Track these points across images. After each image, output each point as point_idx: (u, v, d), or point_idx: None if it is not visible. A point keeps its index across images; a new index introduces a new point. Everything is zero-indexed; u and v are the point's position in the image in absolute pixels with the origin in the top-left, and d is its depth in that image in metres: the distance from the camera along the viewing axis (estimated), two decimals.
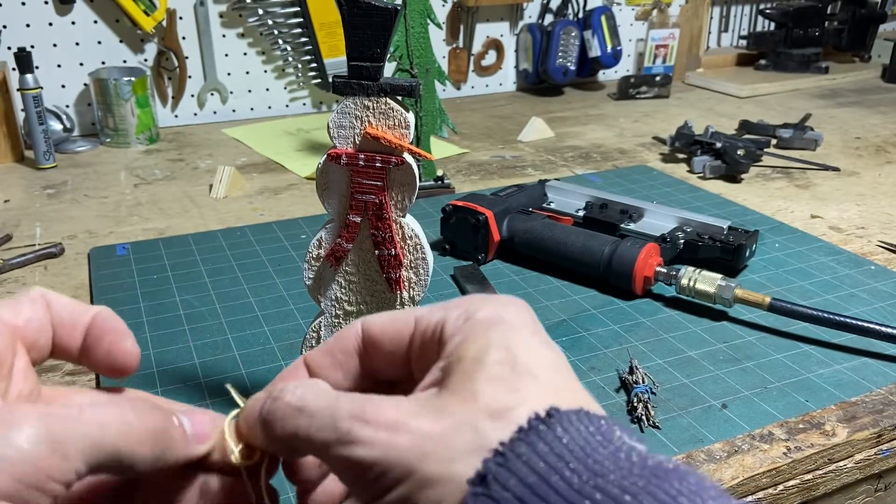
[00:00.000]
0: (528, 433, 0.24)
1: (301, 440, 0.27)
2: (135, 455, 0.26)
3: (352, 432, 0.26)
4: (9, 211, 1.03)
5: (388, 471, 0.25)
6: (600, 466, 0.23)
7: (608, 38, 1.62)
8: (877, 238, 0.96)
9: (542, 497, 0.22)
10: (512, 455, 0.23)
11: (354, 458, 0.26)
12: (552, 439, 0.24)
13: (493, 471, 0.23)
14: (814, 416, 0.62)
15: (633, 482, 0.22)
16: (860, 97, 1.67)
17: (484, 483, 0.23)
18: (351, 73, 0.49)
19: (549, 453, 0.23)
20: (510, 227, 0.87)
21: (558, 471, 0.23)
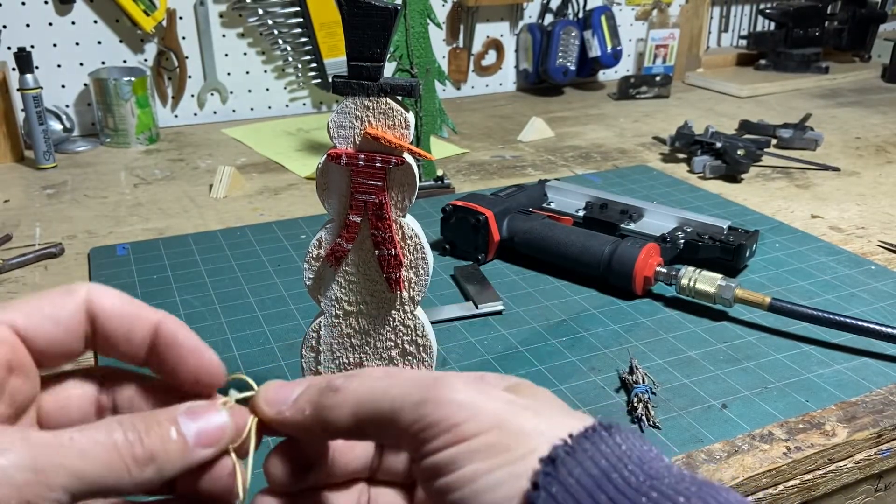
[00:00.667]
0: (593, 434, 0.26)
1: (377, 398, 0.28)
2: (120, 482, 0.26)
3: (442, 379, 0.27)
4: (9, 211, 1.03)
5: (475, 416, 0.26)
6: (655, 472, 0.25)
7: (608, 37, 1.62)
8: (877, 238, 0.96)
9: (602, 489, 0.24)
10: (578, 448, 0.25)
11: (442, 398, 0.27)
12: (612, 444, 0.26)
13: (562, 457, 0.25)
14: (814, 416, 0.62)
15: (686, 487, 0.24)
16: (860, 97, 1.67)
17: (553, 465, 0.25)
18: (351, 73, 0.49)
19: (610, 454, 0.25)
20: (510, 227, 0.87)
21: (618, 469, 0.25)
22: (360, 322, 0.56)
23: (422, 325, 0.55)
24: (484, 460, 0.25)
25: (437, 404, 0.27)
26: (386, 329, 0.55)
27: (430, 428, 0.26)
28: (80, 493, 0.26)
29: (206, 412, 0.29)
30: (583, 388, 0.65)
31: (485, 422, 0.26)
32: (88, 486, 0.26)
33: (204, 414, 0.29)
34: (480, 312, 0.77)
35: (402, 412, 0.27)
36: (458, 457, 0.26)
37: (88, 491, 0.26)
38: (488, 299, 0.78)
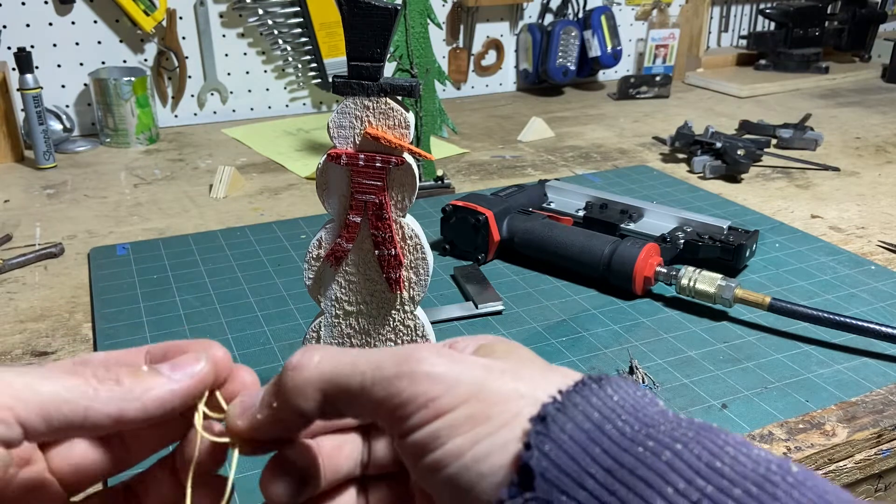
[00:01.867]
0: (583, 388, 0.25)
1: (344, 374, 0.27)
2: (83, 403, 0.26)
3: (415, 352, 0.26)
4: (9, 211, 1.03)
5: (452, 387, 0.25)
6: (650, 419, 0.24)
7: (608, 38, 1.62)
8: (877, 238, 0.96)
9: (596, 442, 0.23)
10: (569, 403, 0.25)
11: (417, 372, 0.26)
12: (604, 396, 0.25)
13: (553, 414, 0.24)
14: (814, 416, 0.62)
15: (683, 433, 0.24)
16: (860, 97, 1.67)
17: (544, 423, 0.24)
18: (351, 73, 0.49)
19: (602, 406, 0.25)
20: (510, 227, 0.87)
21: (611, 420, 0.24)
22: (360, 322, 0.56)
23: (422, 325, 0.55)
24: (467, 433, 0.25)
25: (412, 379, 0.26)
26: (386, 329, 0.55)
27: (407, 404, 0.26)
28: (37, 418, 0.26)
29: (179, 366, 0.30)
30: None
31: (462, 392, 0.25)
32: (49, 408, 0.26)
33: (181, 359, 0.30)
34: (480, 312, 0.77)
35: (374, 387, 0.26)
36: (440, 432, 0.25)
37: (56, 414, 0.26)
38: (488, 299, 0.78)
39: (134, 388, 0.28)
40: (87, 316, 0.77)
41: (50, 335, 0.73)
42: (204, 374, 0.29)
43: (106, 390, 0.27)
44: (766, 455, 0.23)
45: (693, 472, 0.22)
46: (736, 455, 0.23)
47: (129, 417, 0.27)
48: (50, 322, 0.76)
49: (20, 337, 0.73)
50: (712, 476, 0.22)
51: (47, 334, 0.74)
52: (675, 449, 0.23)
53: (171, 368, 0.29)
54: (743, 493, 0.21)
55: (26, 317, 0.77)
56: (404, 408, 0.26)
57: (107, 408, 0.27)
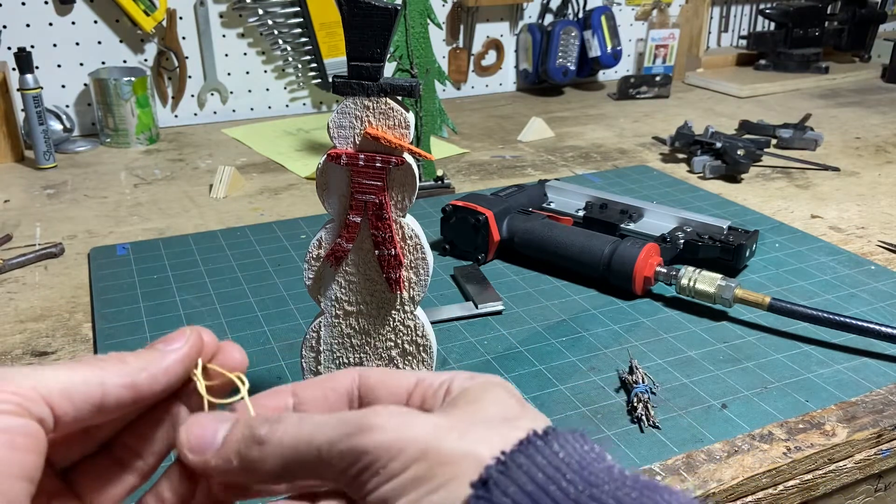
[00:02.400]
0: (528, 446, 0.25)
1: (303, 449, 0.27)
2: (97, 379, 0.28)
3: (365, 420, 0.27)
4: (9, 211, 1.03)
5: (402, 451, 0.26)
6: (595, 478, 0.24)
7: (608, 38, 1.62)
8: (877, 238, 0.96)
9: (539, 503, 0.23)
10: (513, 464, 0.24)
11: (368, 445, 0.26)
12: (549, 454, 0.25)
13: (495, 477, 0.24)
14: (814, 416, 0.62)
15: (627, 493, 0.23)
16: (860, 97, 1.67)
17: (486, 487, 0.24)
18: (351, 73, 0.49)
19: (546, 465, 0.24)
20: (510, 227, 0.87)
21: (555, 481, 0.24)
22: (360, 322, 0.56)
23: (422, 325, 0.55)
24: (411, 493, 0.25)
25: (365, 450, 0.26)
26: (386, 329, 0.56)
27: (364, 472, 0.26)
28: (60, 398, 0.27)
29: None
30: (583, 388, 0.65)
31: (410, 454, 0.26)
32: (70, 391, 0.27)
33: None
34: (480, 312, 0.77)
35: (331, 459, 0.27)
36: (390, 495, 0.26)
37: (78, 396, 0.27)
38: (488, 299, 0.78)
39: (138, 362, 0.29)
40: (88, 316, 0.77)
41: (50, 335, 0.74)
42: (193, 340, 0.31)
43: (113, 367, 0.29)
44: None
45: None
46: None
47: (142, 386, 0.29)
48: (50, 322, 0.76)
49: (20, 337, 0.73)
50: None
51: (47, 334, 0.74)
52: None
53: (164, 344, 0.31)
54: None
55: (26, 317, 0.77)
56: (362, 475, 0.26)
57: (121, 380, 0.28)
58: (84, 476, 0.31)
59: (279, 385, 0.33)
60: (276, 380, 0.66)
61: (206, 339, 0.32)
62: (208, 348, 0.32)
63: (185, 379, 0.31)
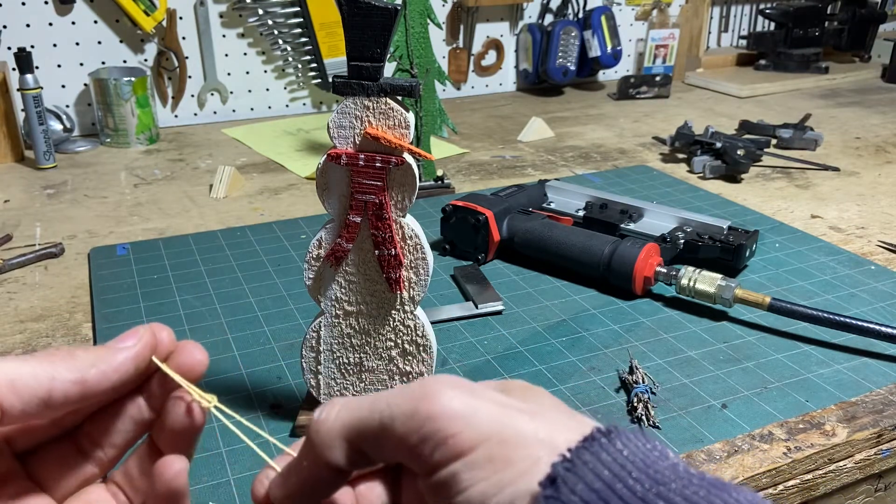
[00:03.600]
0: (592, 443, 0.25)
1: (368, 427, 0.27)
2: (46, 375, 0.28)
3: (427, 387, 0.26)
4: (9, 211, 1.03)
5: (469, 424, 0.25)
6: (661, 476, 0.24)
7: (608, 38, 1.62)
8: (877, 238, 0.96)
9: (607, 502, 0.23)
10: (579, 461, 0.24)
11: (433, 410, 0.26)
12: (614, 451, 0.25)
13: (562, 475, 0.24)
14: (814, 416, 0.62)
15: (694, 491, 0.23)
16: (860, 97, 1.67)
17: (554, 486, 0.24)
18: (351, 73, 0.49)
19: (612, 462, 0.24)
20: (510, 227, 0.87)
21: (622, 479, 0.24)
22: (360, 322, 0.56)
23: (422, 325, 0.55)
24: (489, 478, 0.25)
25: (430, 417, 0.26)
26: (386, 329, 0.55)
27: (426, 441, 0.26)
28: (7, 392, 0.27)
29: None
30: (583, 388, 0.65)
31: (481, 430, 0.25)
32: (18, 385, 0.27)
33: None
34: (480, 312, 0.77)
35: (393, 426, 0.26)
36: (462, 475, 0.25)
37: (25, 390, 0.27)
38: (488, 299, 0.78)
39: (88, 358, 0.29)
40: (88, 316, 0.77)
41: (50, 335, 0.73)
42: (147, 338, 0.31)
43: (63, 363, 0.29)
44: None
45: None
46: None
47: (91, 382, 0.29)
48: (50, 322, 0.76)
49: (20, 337, 0.73)
50: None
51: (47, 334, 0.74)
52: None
53: (118, 341, 0.31)
54: None
55: (26, 317, 0.77)
56: (424, 445, 0.26)
57: (69, 375, 0.28)
58: (43, 462, 0.31)
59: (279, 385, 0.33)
60: (276, 380, 0.66)
61: (163, 336, 0.31)
62: (163, 346, 0.31)
63: (137, 376, 0.31)
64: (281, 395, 0.64)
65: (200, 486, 0.54)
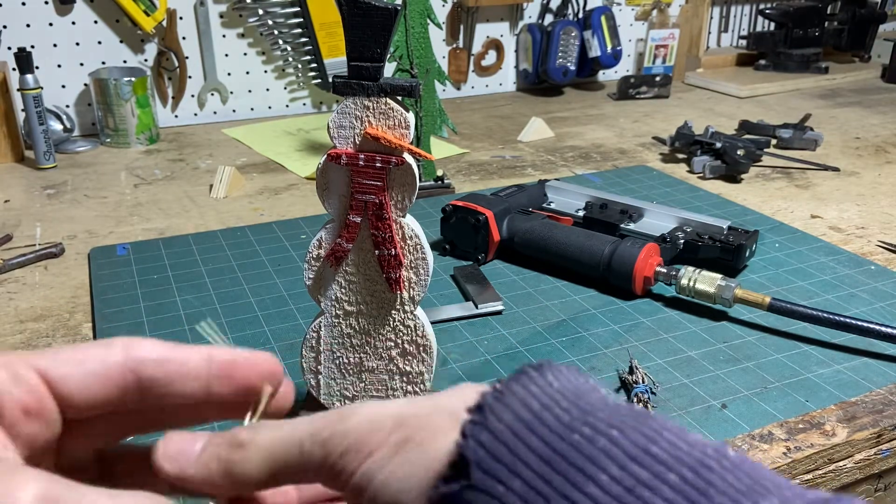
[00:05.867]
0: (522, 376, 0.25)
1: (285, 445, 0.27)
2: None
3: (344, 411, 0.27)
4: (9, 211, 1.03)
5: (380, 425, 0.26)
6: (590, 406, 0.24)
7: (608, 38, 1.62)
8: (877, 238, 0.96)
9: (533, 431, 0.23)
10: (507, 392, 0.24)
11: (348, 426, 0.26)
12: (544, 384, 0.25)
13: (490, 403, 0.24)
14: (814, 416, 0.62)
15: (622, 420, 0.23)
16: (860, 97, 1.67)
17: (481, 412, 0.24)
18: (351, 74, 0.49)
19: (541, 394, 0.24)
20: (510, 227, 0.87)
21: (550, 409, 0.24)
22: (360, 322, 0.56)
23: (422, 324, 0.55)
24: (392, 460, 0.25)
25: (343, 434, 0.26)
26: (386, 329, 0.56)
27: (341, 458, 0.26)
28: None
29: None
30: None
31: (386, 426, 0.25)
32: None
33: None
34: (480, 312, 0.77)
35: (312, 452, 0.26)
36: (371, 470, 0.25)
37: None
38: (488, 299, 0.78)
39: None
40: (88, 316, 0.77)
41: (50, 335, 0.74)
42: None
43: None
44: (703, 440, 0.23)
45: (628, 457, 0.22)
46: (672, 440, 0.23)
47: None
48: (50, 322, 0.76)
49: (20, 337, 0.73)
50: (647, 461, 0.22)
51: (47, 334, 0.74)
52: (611, 435, 0.23)
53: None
54: (678, 478, 0.21)
55: (26, 317, 0.77)
56: (340, 461, 0.26)
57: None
58: None
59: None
60: None
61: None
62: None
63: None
64: None
65: None
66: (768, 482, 0.22)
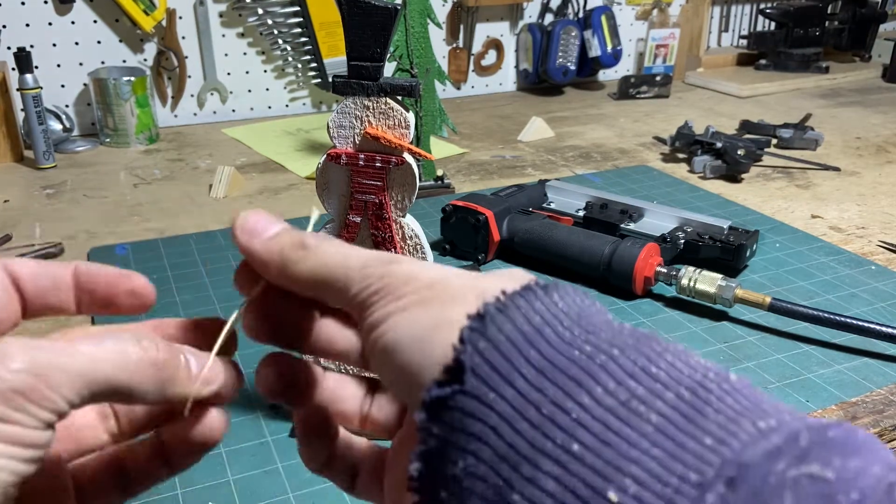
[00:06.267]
0: (527, 292, 0.25)
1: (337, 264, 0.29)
2: (132, 385, 0.27)
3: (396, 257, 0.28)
4: (8, 211, 1.03)
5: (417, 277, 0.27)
6: (593, 327, 0.24)
7: (608, 37, 1.62)
8: (877, 238, 0.96)
9: (533, 344, 0.23)
10: (511, 304, 0.24)
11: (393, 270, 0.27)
12: (548, 302, 0.25)
13: (492, 313, 0.24)
14: (814, 416, 0.62)
15: (623, 340, 0.23)
16: (860, 97, 1.67)
17: (482, 320, 0.24)
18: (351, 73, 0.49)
19: (544, 311, 0.24)
20: (510, 227, 0.87)
21: (552, 325, 0.24)
22: None
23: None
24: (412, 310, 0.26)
25: (383, 275, 0.27)
26: None
27: (374, 294, 0.27)
28: (90, 394, 0.26)
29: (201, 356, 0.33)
30: None
31: (422, 282, 0.26)
32: (99, 387, 0.26)
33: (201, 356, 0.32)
34: None
35: (352, 279, 0.28)
36: (391, 310, 0.26)
37: (100, 392, 0.27)
38: None
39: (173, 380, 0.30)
40: (87, 316, 0.77)
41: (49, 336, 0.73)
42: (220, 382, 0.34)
43: (152, 371, 0.29)
44: (706, 363, 0.23)
45: (626, 374, 0.22)
46: (673, 362, 0.23)
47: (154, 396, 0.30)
48: (49, 322, 0.76)
49: None
50: (645, 379, 0.22)
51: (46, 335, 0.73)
52: (612, 353, 0.23)
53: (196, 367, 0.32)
54: (675, 396, 0.21)
55: None
56: (371, 297, 0.27)
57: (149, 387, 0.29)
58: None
59: None
60: None
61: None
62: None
63: None
64: None
65: (200, 487, 0.54)
66: (768, 405, 0.22)
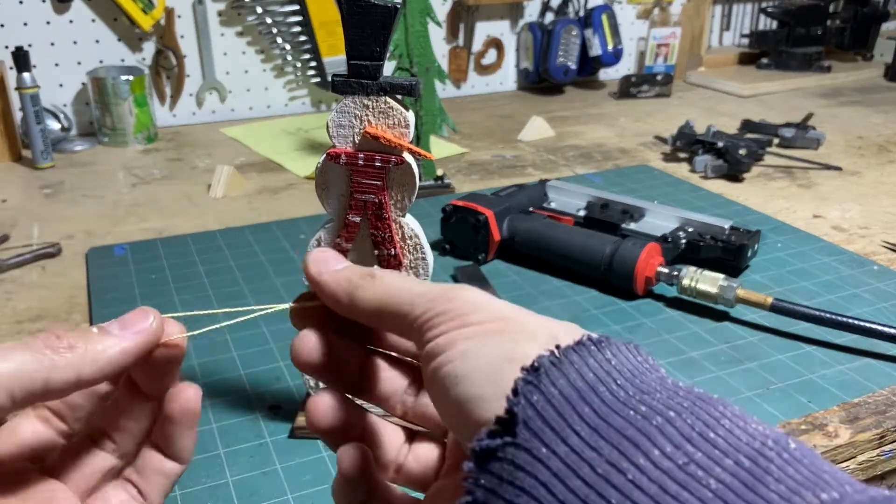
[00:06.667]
0: (581, 347, 0.25)
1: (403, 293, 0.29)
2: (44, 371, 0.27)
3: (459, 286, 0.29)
4: (6, 211, 1.03)
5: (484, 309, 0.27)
6: (647, 386, 0.24)
7: (609, 36, 1.62)
8: (879, 238, 0.96)
9: (587, 401, 0.23)
10: (566, 360, 0.24)
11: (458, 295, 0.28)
12: (602, 359, 0.25)
13: (547, 367, 0.24)
14: (816, 417, 0.61)
15: (679, 402, 0.23)
16: (862, 96, 1.67)
17: (536, 373, 0.24)
18: (350, 72, 0.49)
19: (598, 368, 0.24)
20: (511, 227, 0.87)
21: (606, 383, 0.24)
22: None
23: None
24: (479, 340, 0.26)
25: (449, 299, 0.28)
26: None
27: (438, 317, 0.27)
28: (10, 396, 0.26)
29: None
30: None
31: (490, 314, 0.27)
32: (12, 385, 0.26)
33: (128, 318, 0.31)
34: None
35: (415, 305, 0.28)
36: (456, 337, 0.26)
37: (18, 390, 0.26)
38: None
39: (88, 352, 0.28)
40: (85, 317, 0.77)
41: None
42: (154, 328, 0.31)
43: (62, 359, 0.28)
44: (764, 430, 0.22)
45: (683, 438, 0.21)
46: (731, 428, 0.22)
47: (87, 379, 0.28)
48: (48, 323, 0.75)
49: (17, 338, 0.73)
50: (703, 444, 0.21)
51: None
52: (668, 416, 0.22)
53: (120, 327, 0.30)
54: (734, 463, 0.21)
55: (24, 317, 0.76)
56: (434, 319, 0.27)
57: (65, 375, 0.28)
58: (59, 456, 0.31)
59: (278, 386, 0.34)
60: (274, 380, 0.65)
61: (171, 331, 0.33)
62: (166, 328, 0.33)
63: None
64: (280, 395, 0.63)
65: (199, 488, 0.54)
66: (828, 476, 0.21)
